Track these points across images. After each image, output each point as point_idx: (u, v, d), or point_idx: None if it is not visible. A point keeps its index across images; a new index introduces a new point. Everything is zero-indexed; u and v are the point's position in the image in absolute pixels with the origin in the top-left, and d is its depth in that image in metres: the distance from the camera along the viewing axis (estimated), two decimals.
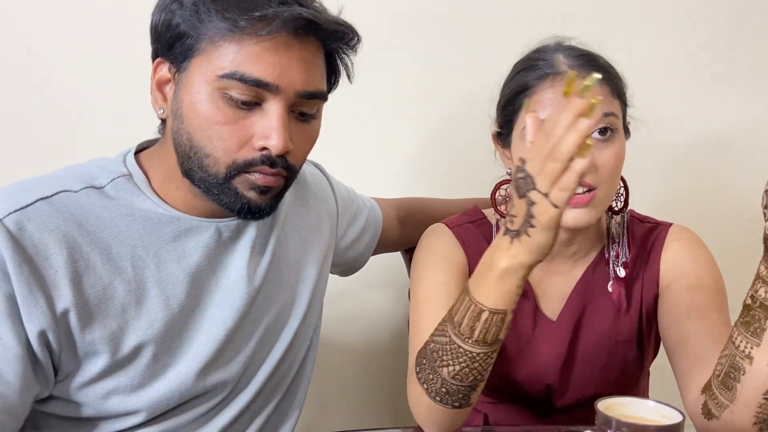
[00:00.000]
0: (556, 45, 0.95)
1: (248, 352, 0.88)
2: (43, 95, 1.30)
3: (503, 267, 0.74)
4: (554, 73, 0.89)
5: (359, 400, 1.56)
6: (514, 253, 0.74)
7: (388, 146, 1.44)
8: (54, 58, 1.29)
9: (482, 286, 0.77)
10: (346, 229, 1.08)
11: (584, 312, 1.00)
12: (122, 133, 0.92)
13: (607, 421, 0.69)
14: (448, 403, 0.82)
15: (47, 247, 0.73)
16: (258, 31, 0.72)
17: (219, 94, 0.75)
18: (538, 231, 0.71)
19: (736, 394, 0.76)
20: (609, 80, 0.90)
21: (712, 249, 0.99)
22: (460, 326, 0.78)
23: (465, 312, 0.78)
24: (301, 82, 0.76)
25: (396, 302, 1.50)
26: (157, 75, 0.80)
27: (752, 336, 0.74)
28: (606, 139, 0.89)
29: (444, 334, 0.80)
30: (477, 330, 0.77)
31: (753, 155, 1.49)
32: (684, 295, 0.94)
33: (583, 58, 0.91)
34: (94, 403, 0.78)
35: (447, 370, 0.80)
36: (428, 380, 0.83)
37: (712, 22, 1.46)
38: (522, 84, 0.91)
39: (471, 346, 0.78)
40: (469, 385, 0.81)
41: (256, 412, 0.93)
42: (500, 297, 0.76)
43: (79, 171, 0.81)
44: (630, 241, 0.99)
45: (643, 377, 1.04)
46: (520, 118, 0.91)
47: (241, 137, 0.76)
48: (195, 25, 0.74)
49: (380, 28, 1.39)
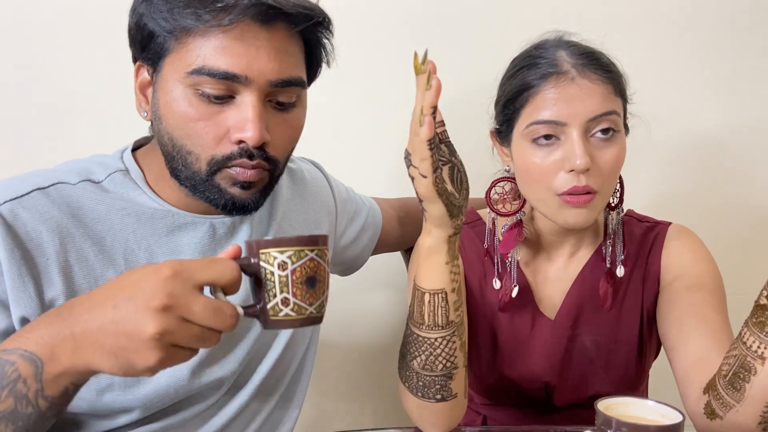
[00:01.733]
0: (557, 41, 0.93)
1: (244, 350, 0.88)
2: (43, 94, 1.30)
3: (426, 246, 0.80)
4: (557, 73, 0.88)
5: (359, 400, 1.55)
6: (428, 229, 0.80)
7: (382, 146, 1.44)
8: (54, 57, 1.30)
9: (419, 272, 0.82)
10: (345, 227, 1.08)
11: (582, 310, 1.00)
12: (122, 133, 0.92)
13: (607, 421, 0.69)
14: (430, 397, 0.84)
15: (40, 236, 0.74)
16: (221, 22, 0.72)
17: (191, 91, 0.74)
18: (426, 204, 0.76)
19: (744, 394, 0.75)
20: (611, 79, 0.89)
21: (711, 248, 0.99)
22: (413, 315, 0.83)
23: (413, 300, 0.83)
24: (273, 70, 0.75)
25: (396, 302, 1.50)
26: (138, 78, 0.81)
27: (766, 336, 0.74)
28: (608, 138, 0.88)
29: (407, 327, 0.85)
30: (425, 314, 0.81)
31: (752, 154, 1.49)
32: (683, 294, 0.93)
33: (586, 56, 0.89)
34: (89, 398, 0.78)
35: (416, 362, 0.83)
36: (407, 377, 0.85)
37: (710, 23, 1.45)
38: (524, 83, 0.90)
39: (426, 332, 0.82)
40: (442, 374, 0.82)
41: (254, 411, 0.93)
42: (433, 276, 0.80)
43: (77, 166, 0.82)
44: (625, 239, 0.99)
45: (643, 377, 1.04)
46: (522, 116, 0.90)
47: (218, 132, 0.75)
48: (161, 23, 0.74)
49: (375, 26, 1.39)
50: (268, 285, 0.64)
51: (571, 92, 0.86)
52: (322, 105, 1.00)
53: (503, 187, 1.00)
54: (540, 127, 0.88)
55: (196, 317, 0.59)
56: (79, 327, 0.61)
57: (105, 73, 1.28)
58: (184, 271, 0.60)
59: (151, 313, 0.57)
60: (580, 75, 0.87)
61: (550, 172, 0.88)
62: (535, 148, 0.89)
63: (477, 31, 1.41)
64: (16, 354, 0.62)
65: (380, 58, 1.39)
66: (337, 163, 1.15)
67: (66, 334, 0.61)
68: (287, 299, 0.63)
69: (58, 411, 0.64)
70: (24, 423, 0.62)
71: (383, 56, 1.40)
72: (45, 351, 0.61)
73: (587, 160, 0.85)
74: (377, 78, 1.40)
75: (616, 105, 0.89)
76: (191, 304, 0.59)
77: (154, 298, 0.58)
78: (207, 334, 0.60)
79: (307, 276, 0.64)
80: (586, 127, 0.87)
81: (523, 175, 0.92)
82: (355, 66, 1.31)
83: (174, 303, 0.58)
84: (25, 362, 0.61)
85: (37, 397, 0.62)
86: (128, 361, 0.59)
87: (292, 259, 0.63)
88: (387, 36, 1.40)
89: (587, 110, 0.86)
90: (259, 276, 0.64)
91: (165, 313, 0.58)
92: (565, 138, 0.87)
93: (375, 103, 1.42)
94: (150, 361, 0.58)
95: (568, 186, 0.87)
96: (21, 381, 0.61)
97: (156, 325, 0.57)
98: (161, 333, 0.57)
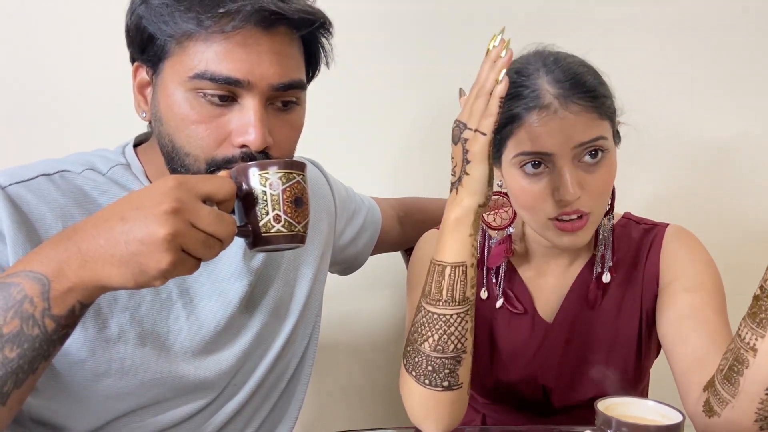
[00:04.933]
0: (538, 62, 0.90)
1: (243, 346, 0.88)
2: (42, 94, 1.30)
3: (453, 218, 0.83)
4: (539, 106, 0.86)
5: (359, 399, 1.55)
6: (459, 199, 0.83)
7: (383, 146, 1.44)
8: (53, 57, 1.30)
9: (440, 245, 0.85)
10: (345, 226, 1.08)
11: (580, 313, 1.00)
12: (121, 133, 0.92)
13: (607, 421, 0.69)
14: (437, 384, 0.84)
15: (44, 217, 0.75)
16: (223, 28, 0.72)
17: (193, 94, 0.74)
18: (473, 165, 0.81)
19: (739, 388, 0.75)
20: (595, 106, 0.87)
21: (710, 249, 0.99)
22: (430, 293, 0.85)
23: (431, 278, 0.85)
24: (274, 75, 0.75)
25: (396, 302, 1.50)
26: (137, 79, 0.81)
27: (757, 327, 0.74)
28: (597, 161, 0.87)
29: (420, 310, 0.86)
30: (444, 288, 0.83)
31: (750, 157, 1.49)
32: (682, 295, 0.93)
33: (569, 84, 0.86)
34: (84, 383, 0.77)
35: (428, 343, 0.84)
36: (414, 365, 0.85)
37: (709, 26, 1.46)
38: (510, 115, 0.88)
39: (443, 308, 0.83)
40: (452, 356, 0.83)
41: (255, 409, 0.93)
42: (457, 248, 0.83)
43: (81, 158, 0.83)
44: (616, 245, 0.99)
45: (642, 378, 1.04)
46: (509, 146, 0.90)
47: (219, 135, 0.75)
48: (161, 27, 0.74)
49: (372, 28, 1.39)
50: (260, 203, 0.69)
51: (554, 125, 0.85)
52: (322, 105, 1.00)
53: (495, 201, 1.00)
54: (527, 157, 0.88)
55: (202, 222, 0.62)
56: (87, 242, 0.61)
57: (104, 73, 1.28)
58: (187, 182, 0.63)
59: (161, 216, 0.60)
60: (563, 107, 0.85)
61: (540, 199, 0.88)
62: (523, 175, 0.89)
63: (478, 31, 1.41)
64: (22, 275, 0.62)
65: (381, 58, 1.39)
66: (338, 163, 1.15)
67: (73, 251, 0.62)
68: (279, 216, 0.69)
69: (63, 335, 0.64)
70: (30, 345, 0.62)
71: (384, 57, 1.40)
72: (51, 268, 0.61)
73: (576, 190, 0.85)
74: (378, 78, 1.40)
75: (601, 129, 0.87)
76: (197, 210, 0.62)
77: (163, 203, 0.60)
78: (211, 241, 0.63)
79: (295, 196, 0.70)
80: (573, 154, 0.86)
81: (514, 199, 0.93)
82: (356, 66, 1.31)
83: (182, 207, 0.61)
84: (31, 282, 0.61)
85: (43, 317, 0.61)
86: (140, 267, 0.60)
87: (282, 180, 0.69)
88: (387, 36, 1.40)
89: (573, 139, 0.86)
90: (251, 196, 0.69)
91: (174, 216, 0.60)
92: (552, 166, 0.87)
93: (375, 103, 1.42)
94: (162, 263, 0.60)
95: (559, 211, 0.87)
96: (27, 301, 0.61)
97: (168, 227, 0.60)
98: (173, 234, 0.60)
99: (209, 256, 0.64)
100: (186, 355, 0.83)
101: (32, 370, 0.63)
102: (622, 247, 1.00)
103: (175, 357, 0.82)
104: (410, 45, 1.41)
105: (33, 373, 0.63)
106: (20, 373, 0.62)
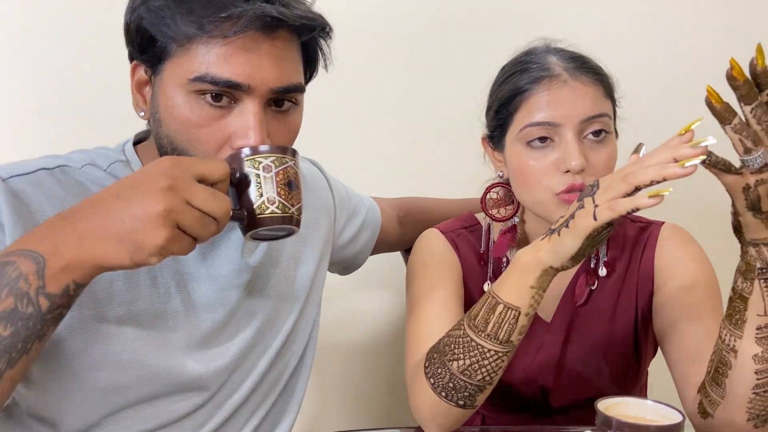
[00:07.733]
0: (546, 47, 0.95)
1: (241, 343, 0.88)
2: (41, 94, 1.30)
3: (524, 260, 0.78)
4: (549, 76, 0.89)
5: (359, 399, 1.55)
6: (538, 248, 0.77)
7: (383, 147, 1.44)
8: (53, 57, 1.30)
9: (503, 279, 0.80)
10: (344, 225, 1.08)
11: (578, 313, 1.00)
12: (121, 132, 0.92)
13: (607, 421, 0.68)
14: (452, 400, 0.82)
15: (43, 210, 0.75)
16: (225, 32, 0.72)
17: (193, 97, 0.74)
18: (569, 232, 0.73)
19: (726, 389, 0.76)
20: (601, 81, 0.91)
21: (705, 247, 0.98)
22: (475, 318, 0.80)
23: (482, 304, 0.80)
24: (274, 78, 0.75)
25: (396, 302, 1.50)
26: (135, 77, 0.81)
27: (734, 328, 0.74)
28: (601, 140, 0.89)
29: (459, 327, 0.82)
30: (491, 323, 0.78)
31: None
32: (678, 294, 0.93)
33: (575, 60, 0.92)
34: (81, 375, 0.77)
35: (457, 364, 0.80)
36: (436, 374, 0.83)
37: (709, 26, 1.46)
38: (516, 87, 0.91)
39: (483, 340, 0.79)
40: (477, 384, 0.81)
41: (253, 407, 0.93)
42: (516, 292, 0.78)
43: (81, 155, 0.84)
44: (609, 243, 0.99)
45: (640, 377, 1.04)
46: (516, 120, 0.91)
47: (219, 138, 0.76)
48: (162, 29, 0.74)
49: (371, 30, 1.39)
50: (254, 186, 0.70)
51: (564, 94, 0.88)
52: (322, 105, 1.00)
53: (497, 193, 1.01)
54: (534, 129, 0.89)
55: (198, 200, 0.63)
56: (83, 221, 0.62)
57: (102, 72, 1.28)
58: (182, 161, 0.65)
59: (157, 193, 0.61)
60: (572, 77, 0.89)
61: (546, 173, 0.89)
62: (529, 150, 0.90)
63: (477, 32, 1.41)
64: (17, 254, 0.62)
65: (382, 59, 1.39)
66: (338, 163, 1.15)
67: (69, 229, 0.62)
68: (272, 198, 0.71)
69: (57, 315, 0.64)
70: (23, 324, 0.62)
71: (385, 57, 1.40)
72: (47, 246, 0.62)
73: (582, 160, 0.86)
74: (378, 79, 1.40)
75: (606, 107, 0.91)
76: (192, 188, 0.63)
77: (159, 180, 0.62)
78: (206, 219, 0.64)
79: (288, 179, 0.72)
80: (579, 129, 0.88)
81: (518, 178, 0.93)
82: (357, 67, 1.31)
83: (177, 185, 0.62)
84: (26, 260, 0.61)
85: (38, 295, 0.62)
86: (135, 244, 0.61)
87: (275, 164, 0.71)
88: (388, 37, 1.40)
89: (580, 111, 0.88)
90: (245, 180, 0.70)
91: (170, 193, 0.61)
92: (559, 139, 0.88)
93: (375, 104, 1.42)
94: (158, 239, 0.61)
95: (565, 185, 0.87)
96: (22, 278, 0.61)
97: (163, 203, 0.61)
98: (168, 210, 0.61)
99: (204, 235, 0.65)
100: (183, 351, 0.83)
101: (26, 350, 0.63)
102: (617, 244, 1.00)
103: (173, 352, 0.82)
104: (410, 45, 1.41)
105: (26, 354, 0.63)
106: (14, 352, 0.62)
